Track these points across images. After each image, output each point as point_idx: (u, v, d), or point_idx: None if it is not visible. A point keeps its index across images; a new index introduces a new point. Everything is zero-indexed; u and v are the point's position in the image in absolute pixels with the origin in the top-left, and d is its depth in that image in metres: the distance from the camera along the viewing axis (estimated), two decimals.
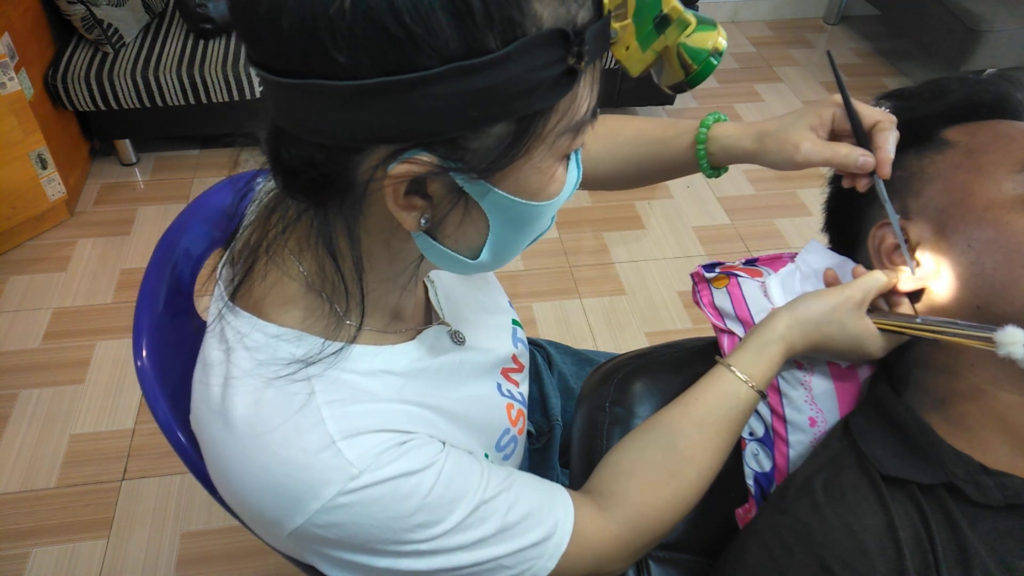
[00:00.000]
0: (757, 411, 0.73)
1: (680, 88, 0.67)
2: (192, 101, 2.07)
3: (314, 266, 0.53)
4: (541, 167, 0.47)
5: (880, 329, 0.65)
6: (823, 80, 2.80)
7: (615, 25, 0.63)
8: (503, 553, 0.54)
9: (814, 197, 2.24)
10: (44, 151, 1.88)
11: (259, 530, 0.54)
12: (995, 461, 0.58)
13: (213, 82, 2.05)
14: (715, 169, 0.75)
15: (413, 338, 0.60)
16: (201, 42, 2.13)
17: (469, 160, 0.44)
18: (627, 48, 0.65)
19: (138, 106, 2.05)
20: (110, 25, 2.02)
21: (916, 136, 0.67)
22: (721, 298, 0.75)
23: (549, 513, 0.57)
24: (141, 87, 2.02)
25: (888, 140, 0.63)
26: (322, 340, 0.53)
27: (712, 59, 0.64)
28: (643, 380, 0.78)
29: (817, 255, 0.72)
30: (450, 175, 0.44)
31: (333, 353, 0.52)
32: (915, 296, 0.66)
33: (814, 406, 0.70)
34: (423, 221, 0.47)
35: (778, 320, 0.65)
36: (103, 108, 2.05)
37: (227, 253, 0.60)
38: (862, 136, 0.64)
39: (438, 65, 0.39)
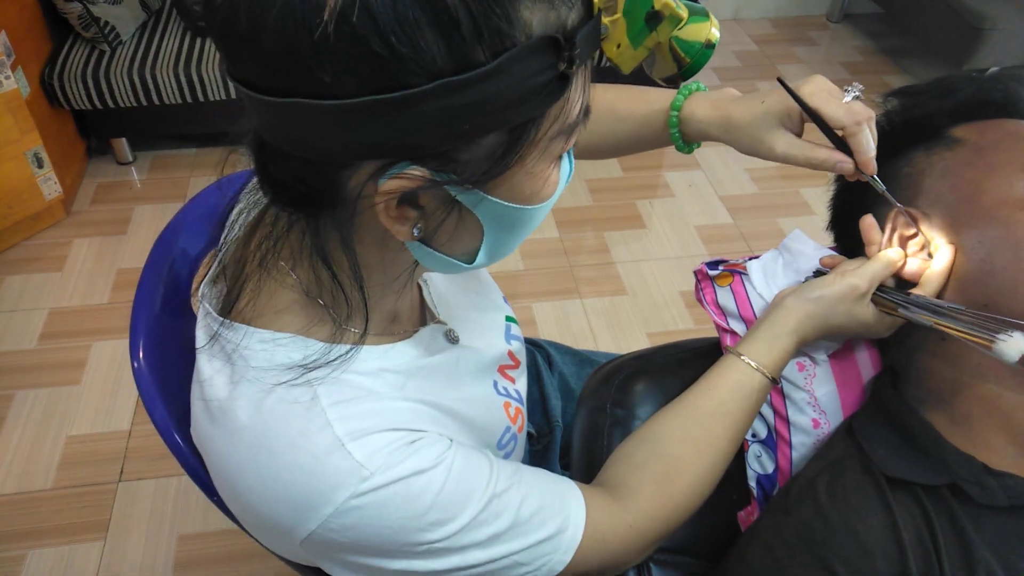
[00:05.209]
0: (760, 413, 0.73)
1: (673, 81, 0.66)
2: (189, 99, 2.06)
3: (310, 275, 0.52)
4: (535, 172, 0.46)
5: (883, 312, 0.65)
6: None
7: (605, 20, 0.62)
8: (517, 548, 0.53)
9: (818, 196, 2.23)
10: (40, 150, 1.87)
11: (270, 540, 0.53)
12: (999, 462, 0.58)
13: (210, 80, 2.03)
14: (689, 145, 0.73)
15: (410, 338, 0.59)
16: (198, 40, 2.12)
17: (461, 172, 0.43)
18: (618, 46, 0.63)
19: (135, 104, 2.05)
20: (107, 23, 2.01)
21: (925, 133, 0.67)
22: (725, 296, 0.74)
23: (561, 506, 0.56)
24: (138, 85, 2.01)
25: (862, 143, 0.61)
26: (323, 344, 0.52)
27: (705, 51, 0.62)
28: (645, 381, 0.77)
29: (799, 243, 0.73)
30: (443, 187, 0.43)
31: (340, 357, 0.51)
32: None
33: (817, 408, 0.70)
34: (416, 231, 0.46)
35: (790, 314, 0.66)
36: (100, 107, 2.04)
37: (212, 270, 0.58)
38: (836, 141, 0.62)
39: (426, 82, 0.38)
